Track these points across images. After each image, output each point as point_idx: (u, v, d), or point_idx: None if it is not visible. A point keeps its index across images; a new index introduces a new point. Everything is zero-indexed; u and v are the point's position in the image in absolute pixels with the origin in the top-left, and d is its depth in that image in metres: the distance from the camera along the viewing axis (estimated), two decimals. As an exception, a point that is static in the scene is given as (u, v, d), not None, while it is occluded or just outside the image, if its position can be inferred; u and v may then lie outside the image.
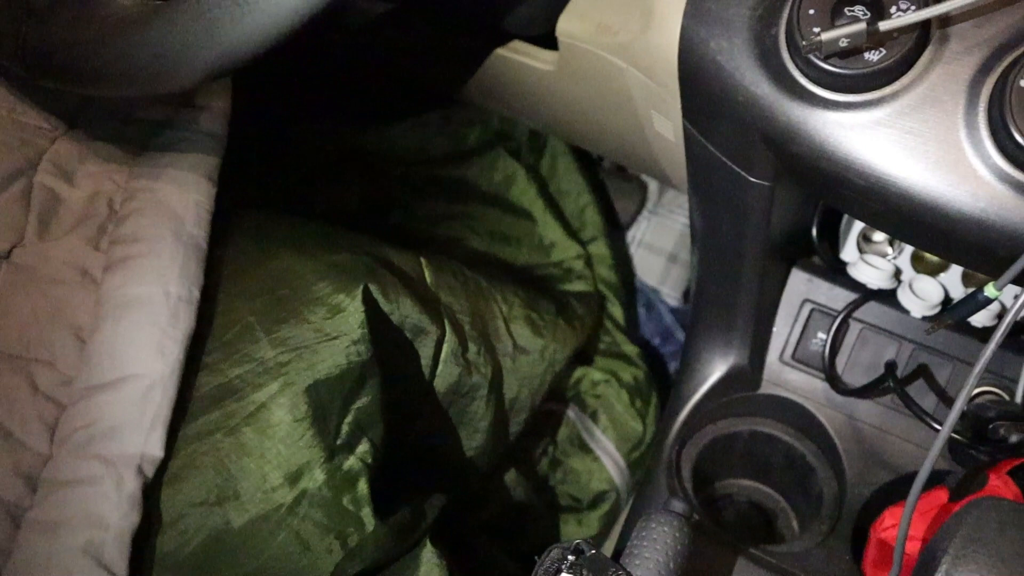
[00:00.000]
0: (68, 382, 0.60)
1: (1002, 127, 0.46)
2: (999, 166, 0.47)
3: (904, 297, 0.74)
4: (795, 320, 0.78)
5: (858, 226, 0.78)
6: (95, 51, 0.52)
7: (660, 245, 1.36)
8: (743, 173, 0.60)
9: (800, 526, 0.81)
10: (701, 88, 0.56)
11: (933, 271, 0.75)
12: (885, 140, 0.50)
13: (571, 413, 1.01)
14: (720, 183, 0.63)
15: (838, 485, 0.76)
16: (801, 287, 0.77)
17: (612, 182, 1.39)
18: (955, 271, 0.74)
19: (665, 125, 0.71)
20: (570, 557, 0.55)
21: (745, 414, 0.81)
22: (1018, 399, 0.71)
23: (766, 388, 0.79)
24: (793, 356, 0.79)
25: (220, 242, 0.68)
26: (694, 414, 0.79)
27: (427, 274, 0.79)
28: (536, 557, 0.56)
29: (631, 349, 1.07)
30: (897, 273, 0.75)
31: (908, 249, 0.76)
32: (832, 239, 0.79)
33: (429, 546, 0.68)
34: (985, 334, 0.73)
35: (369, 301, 0.69)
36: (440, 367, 0.76)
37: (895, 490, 0.74)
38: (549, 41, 0.77)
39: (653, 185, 1.38)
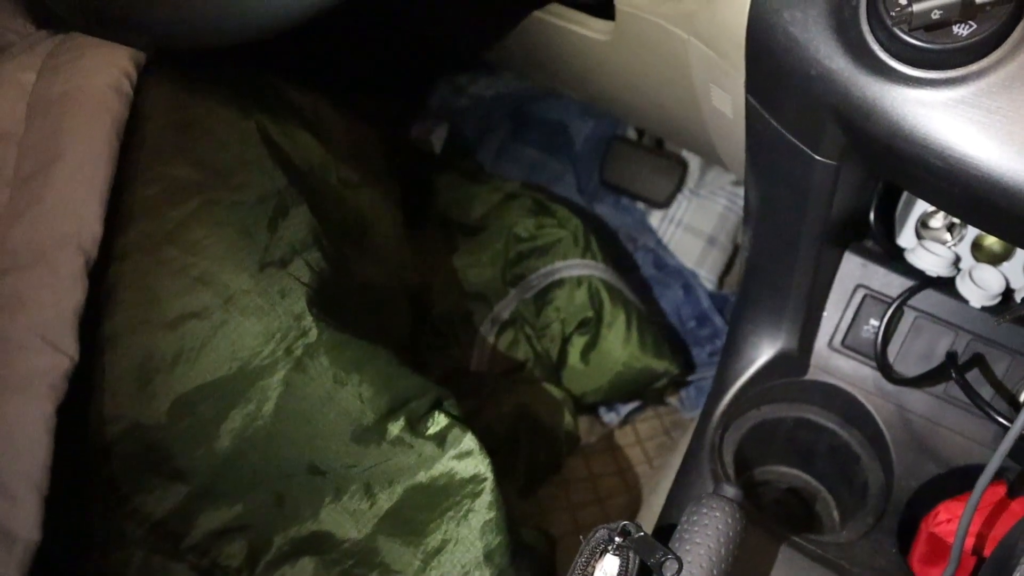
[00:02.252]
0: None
1: (1097, 110, 0.43)
2: (1091, 151, 0.45)
3: (963, 286, 0.71)
4: (847, 305, 0.76)
5: (917, 211, 0.76)
6: (148, 4, 0.51)
7: (699, 227, 1.34)
8: (808, 151, 0.58)
9: (841, 517, 0.79)
10: (771, 61, 0.54)
11: (994, 260, 0.72)
12: (968, 120, 0.47)
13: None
14: (782, 161, 0.61)
15: (885, 476, 0.74)
16: (855, 271, 0.75)
17: (651, 159, 1.37)
18: (1017, 261, 0.72)
19: (724, 100, 0.68)
20: (617, 539, 0.54)
21: (791, 400, 0.79)
22: (1079, 395, 0.69)
23: (814, 374, 0.77)
24: (843, 343, 0.77)
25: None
26: (738, 398, 0.77)
27: (323, 116, 0.86)
28: (581, 537, 0.55)
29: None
30: (956, 261, 0.72)
31: (968, 236, 0.73)
32: (888, 224, 0.77)
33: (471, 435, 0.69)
34: (1047, 328, 0.71)
35: (272, 139, 0.74)
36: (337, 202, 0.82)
37: (945, 484, 0.72)
38: (602, 10, 0.75)
39: (694, 163, 1.36)
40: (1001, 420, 0.64)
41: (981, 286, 0.71)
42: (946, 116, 0.48)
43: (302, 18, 0.47)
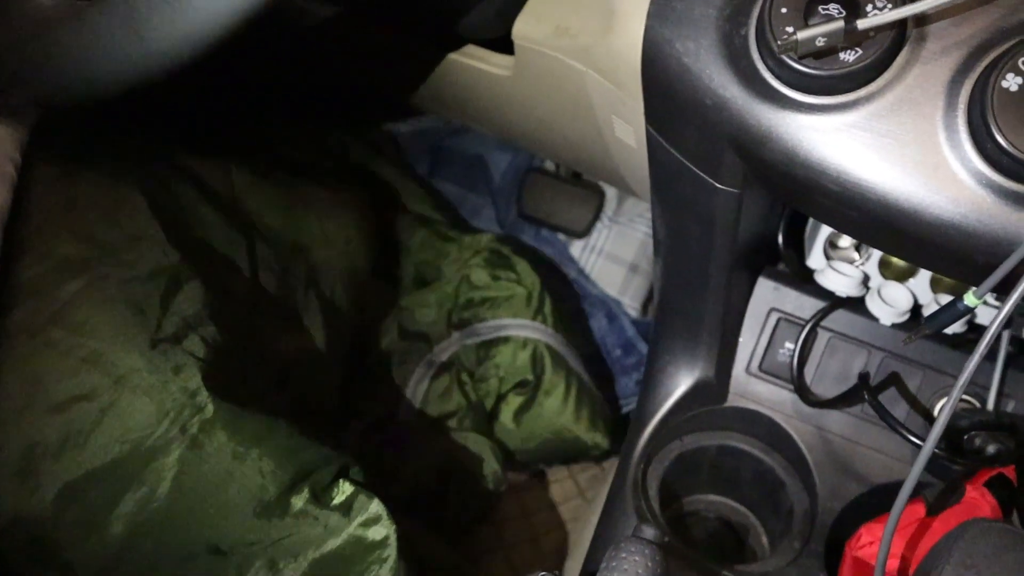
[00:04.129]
0: None
1: (983, 130, 0.44)
2: (980, 170, 0.45)
3: (873, 304, 0.72)
4: (762, 330, 0.76)
5: (824, 232, 0.76)
6: (10, 55, 0.48)
7: (621, 255, 1.34)
8: (710, 180, 0.58)
9: (771, 543, 0.78)
10: (666, 92, 0.54)
11: (901, 276, 0.73)
12: (861, 144, 0.47)
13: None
14: (685, 190, 0.61)
15: (809, 499, 0.74)
16: (767, 296, 0.75)
17: (567, 189, 1.36)
18: (923, 276, 0.73)
19: (626, 131, 0.68)
20: (538, 590, 0.52)
21: (712, 428, 0.78)
22: (990, 406, 0.70)
23: (733, 401, 0.77)
24: (760, 367, 0.76)
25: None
26: (659, 430, 0.76)
27: (235, 181, 0.84)
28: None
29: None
30: (865, 280, 0.73)
31: (876, 254, 0.74)
32: (798, 245, 0.77)
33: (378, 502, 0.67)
34: (955, 340, 0.72)
35: (165, 211, 0.72)
36: (260, 275, 0.80)
37: (868, 503, 0.72)
38: (505, 45, 0.74)
39: (611, 192, 1.36)
40: (914, 440, 0.64)
41: (890, 304, 0.71)
42: (839, 141, 0.48)
43: (183, 66, 0.45)
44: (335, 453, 0.69)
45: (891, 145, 0.47)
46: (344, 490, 0.66)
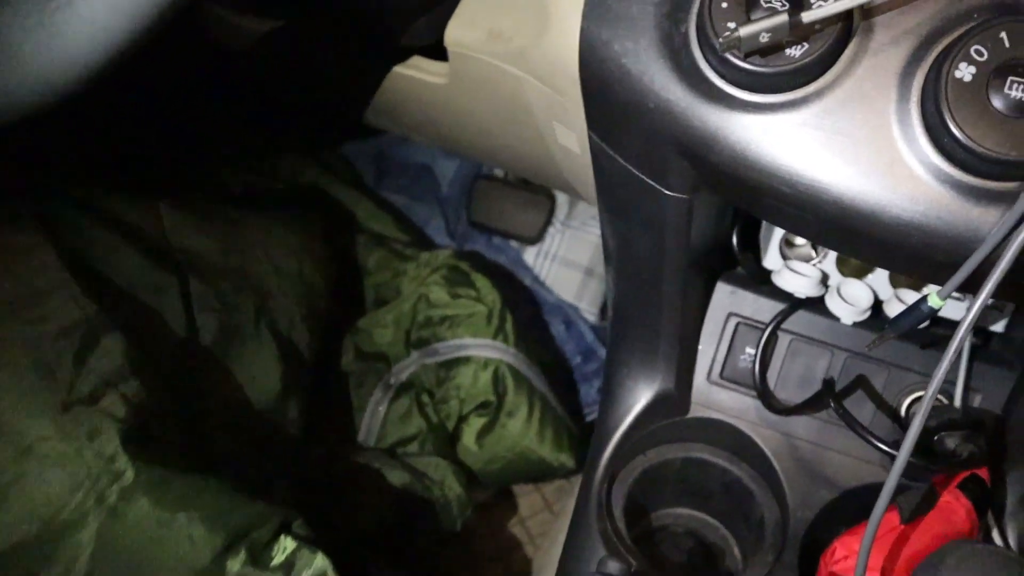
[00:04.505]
0: None
1: (938, 122, 0.41)
2: (937, 165, 0.43)
3: (833, 303, 0.69)
4: (721, 336, 0.73)
5: (779, 231, 0.73)
6: None
7: (575, 259, 1.31)
8: (657, 186, 0.55)
9: (743, 555, 0.76)
10: (606, 96, 0.51)
11: (859, 273, 0.71)
12: (812, 143, 0.45)
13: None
14: (632, 197, 0.58)
15: (779, 508, 0.71)
16: (725, 300, 0.72)
17: (517, 195, 1.33)
18: (882, 272, 0.70)
19: (569, 137, 0.65)
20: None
21: (676, 440, 0.75)
22: (957, 402, 0.68)
23: (696, 411, 0.74)
24: (721, 375, 0.74)
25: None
26: (621, 447, 0.73)
27: (165, 220, 0.78)
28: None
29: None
30: (824, 278, 0.70)
31: (833, 252, 0.71)
32: (753, 246, 0.75)
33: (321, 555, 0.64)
34: (919, 336, 0.70)
35: (78, 259, 0.67)
36: (197, 315, 0.74)
37: (839, 508, 0.70)
38: (438, 52, 0.71)
39: (562, 196, 1.33)
40: (886, 449, 0.62)
41: (850, 302, 0.69)
42: (790, 141, 0.45)
43: (63, 98, 0.41)
44: (274, 508, 0.64)
45: (844, 143, 0.44)
46: (285, 547, 0.62)
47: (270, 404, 0.82)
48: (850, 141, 0.44)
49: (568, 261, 1.32)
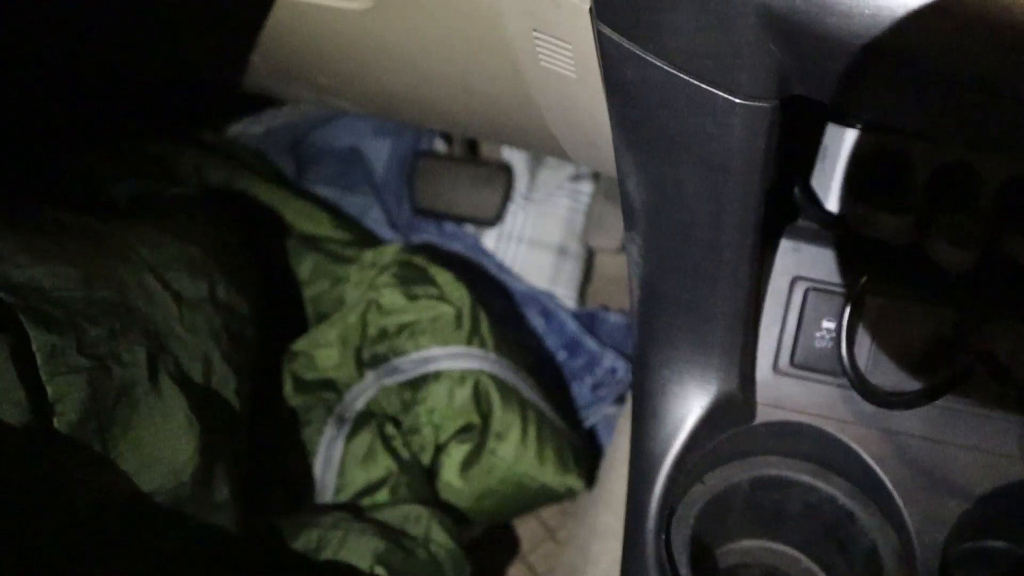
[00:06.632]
0: None
1: None
2: None
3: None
4: (787, 310, 0.54)
5: (841, 162, 0.54)
6: None
7: (543, 238, 1.11)
8: (723, 94, 0.35)
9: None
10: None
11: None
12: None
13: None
14: (677, 121, 0.38)
15: (897, 533, 0.52)
16: (788, 261, 0.53)
17: (467, 170, 1.13)
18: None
19: (559, 52, 0.45)
20: None
21: (739, 456, 0.56)
22: None
23: (764, 415, 0.55)
24: (792, 361, 0.55)
25: None
26: (673, 479, 0.53)
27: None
28: None
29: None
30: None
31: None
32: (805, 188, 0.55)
33: None
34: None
35: None
36: (49, 383, 0.55)
37: (980, 521, 0.51)
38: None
39: (520, 165, 1.13)
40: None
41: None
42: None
43: None
44: None
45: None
46: None
47: (183, 491, 0.61)
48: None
49: (536, 241, 1.12)
